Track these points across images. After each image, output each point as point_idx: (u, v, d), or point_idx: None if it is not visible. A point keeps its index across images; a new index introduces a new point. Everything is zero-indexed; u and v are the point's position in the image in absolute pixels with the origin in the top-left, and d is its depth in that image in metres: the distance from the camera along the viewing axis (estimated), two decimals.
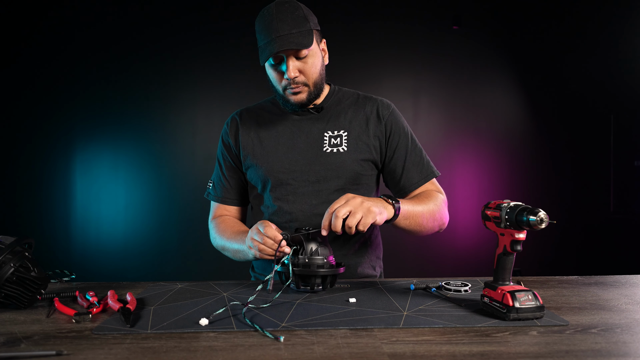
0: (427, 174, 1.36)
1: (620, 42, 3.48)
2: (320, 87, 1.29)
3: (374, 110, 1.35)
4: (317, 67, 1.25)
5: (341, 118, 1.34)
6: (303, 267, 1.04)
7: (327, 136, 1.31)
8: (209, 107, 3.32)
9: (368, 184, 1.35)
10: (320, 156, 1.30)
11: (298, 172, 1.30)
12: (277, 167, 1.30)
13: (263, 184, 1.34)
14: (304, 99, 1.26)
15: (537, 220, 0.79)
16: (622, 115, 3.45)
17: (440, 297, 1.01)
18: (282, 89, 1.26)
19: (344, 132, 1.32)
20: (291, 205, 1.30)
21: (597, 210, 3.50)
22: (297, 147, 1.31)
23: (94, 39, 3.27)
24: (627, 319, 0.86)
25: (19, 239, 0.95)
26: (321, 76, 1.28)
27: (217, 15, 3.32)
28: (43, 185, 3.26)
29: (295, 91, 1.24)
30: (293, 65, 1.20)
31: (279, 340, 0.73)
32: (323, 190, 1.29)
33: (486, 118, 3.47)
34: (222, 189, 1.42)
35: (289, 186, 1.30)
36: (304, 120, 1.34)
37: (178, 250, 3.28)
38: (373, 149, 1.32)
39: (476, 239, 3.37)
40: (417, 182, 1.35)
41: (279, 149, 1.32)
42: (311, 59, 1.23)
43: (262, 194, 1.36)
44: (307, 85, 1.25)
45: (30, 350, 0.70)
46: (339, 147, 1.30)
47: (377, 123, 1.34)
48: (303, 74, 1.23)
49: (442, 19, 3.42)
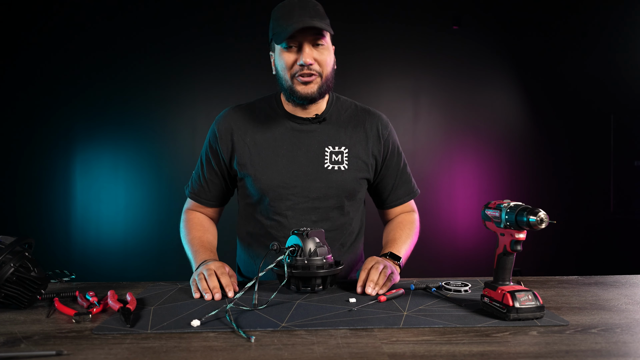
0: (411, 192, 1.42)
1: (620, 42, 3.48)
2: (329, 85, 1.26)
3: (373, 128, 1.34)
4: (331, 63, 1.24)
5: (341, 133, 1.31)
6: (302, 268, 1.04)
7: (328, 152, 1.29)
8: (209, 107, 3.32)
9: (360, 198, 1.37)
10: (321, 172, 1.27)
11: (299, 188, 1.26)
12: (276, 181, 1.26)
13: (260, 196, 1.29)
14: (314, 91, 1.22)
15: (537, 220, 0.79)
16: (622, 115, 3.45)
17: (440, 297, 1.01)
18: (291, 76, 1.21)
19: (345, 148, 1.30)
20: (290, 220, 1.27)
21: (597, 210, 3.50)
22: (297, 161, 1.27)
23: (94, 38, 3.27)
24: (627, 319, 0.86)
25: (19, 239, 0.95)
26: (332, 74, 1.26)
27: (217, 15, 3.32)
28: (43, 185, 3.26)
29: (306, 80, 1.20)
30: (310, 50, 1.18)
31: (250, 341, 0.74)
32: (322, 208, 1.28)
33: (486, 118, 3.46)
34: (200, 188, 1.37)
35: (288, 201, 1.27)
36: (305, 131, 1.29)
37: (178, 250, 3.22)
38: (370, 168, 1.33)
39: (476, 239, 3.37)
40: (402, 199, 1.40)
41: (279, 162, 1.27)
42: (327, 51, 1.22)
43: (257, 205, 1.32)
44: (320, 76, 1.22)
45: (30, 350, 0.70)
46: (340, 164, 1.28)
47: (376, 142, 1.33)
48: (318, 63, 1.21)
49: (442, 19, 3.42)
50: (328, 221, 1.29)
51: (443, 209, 3.41)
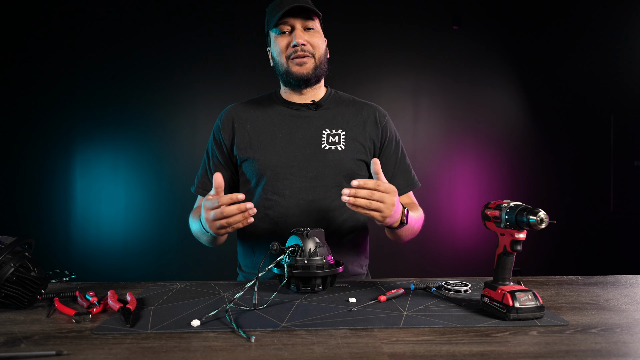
0: (411, 182, 1.40)
1: (620, 42, 3.48)
2: (323, 68, 1.33)
3: (371, 115, 1.38)
4: (322, 46, 1.32)
5: (339, 118, 1.35)
6: (302, 268, 1.04)
7: (325, 134, 1.32)
8: (209, 107, 3.32)
9: None
10: (318, 153, 1.30)
11: (296, 167, 1.30)
12: (274, 160, 1.30)
13: (258, 177, 1.32)
14: (309, 71, 1.29)
15: (537, 220, 0.79)
16: (622, 115, 3.45)
17: (440, 297, 1.01)
18: (286, 58, 1.28)
19: (342, 131, 1.33)
20: (287, 200, 1.29)
21: (597, 210, 3.50)
22: (295, 142, 1.31)
23: (94, 38, 3.27)
24: (627, 319, 0.86)
25: (19, 239, 0.95)
26: (325, 57, 1.33)
27: (217, 15, 3.32)
28: (43, 185, 3.26)
29: (300, 61, 1.27)
30: (301, 32, 1.26)
31: (250, 341, 0.74)
32: (319, 187, 1.30)
33: (486, 118, 3.46)
34: (206, 181, 1.40)
35: (285, 181, 1.29)
36: (302, 117, 1.34)
37: (178, 250, 3.28)
38: (368, 151, 1.34)
39: (476, 239, 3.37)
40: (402, 190, 1.38)
41: (277, 143, 1.31)
42: (318, 34, 1.30)
43: (255, 188, 1.34)
44: (313, 56, 1.29)
45: (30, 350, 0.70)
46: (337, 145, 1.31)
47: (374, 127, 1.36)
48: (310, 45, 1.28)
49: (442, 19, 3.42)
50: (326, 200, 1.29)
51: (443, 209, 3.41)
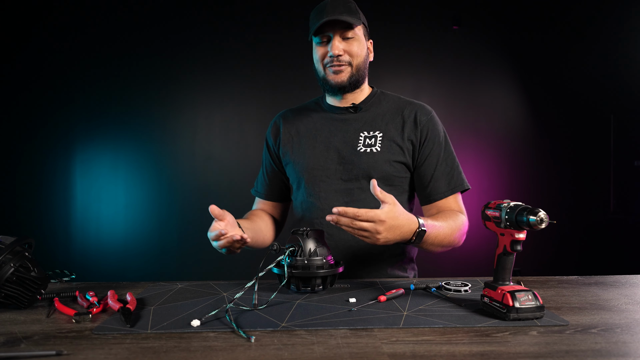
0: (454, 185, 1.34)
1: (620, 42, 3.48)
2: (362, 74, 1.34)
3: (412, 114, 1.36)
4: (362, 53, 1.32)
5: (378, 120, 1.36)
6: (302, 268, 1.04)
7: (362, 136, 1.34)
8: (208, 107, 3.32)
9: (401, 185, 1.34)
10: (354, 155, 1.32)
11: (332, 170, 1.33)
12: (312, 163, 1.35)
13: (298, 180, 1.38)
14: (345, 80, 1.31)
15: (537, 220, 0.79)
16: (622, 115, 3.45)
17: (440, 297, 1.01)
18: (323, 66, 1.32)
19: (379, 133, 1.34)
20: (323, 202, 1.33)
21: (597, 210, 3.49)
22: (333, 146, 1.35)
23: (94, 38, 3.26)
24: (627, 319, 0.86)
25: (19, 239, 0.95)
26: (364, 64, 1.34)
27: (217, 15, 3.32)
28: (43, 185, 3.25)
29: (337, 69, 1.29)
30: (338, 42, 1.27)
31: (250, 341, 0.74)
32: (355, 189, 1.31)
33: (486, 118, 3.46)
34: (262, 185, 1.50)
35: (322, 183, 1.34)
36: (342, 120, 1.38)
37: (178, 250, 3.28)
38: (406, 152, 1.32)
39: (476, 239, 3.35)
40: (443, 192, 1.33)
41: (316, 147, 1.36)
42: (357, 42, 1.30)
43: (297, 191, 1.41)
44: (350, 65, 1.30)
45: (30, 350, 0.70)
46: (373, 147, 1.32)
47: (413, 127, 1.34)
48: (348, 53, 1.29)
49: (442, 19, 3.42)
50: (360, 202, 1.30)
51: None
